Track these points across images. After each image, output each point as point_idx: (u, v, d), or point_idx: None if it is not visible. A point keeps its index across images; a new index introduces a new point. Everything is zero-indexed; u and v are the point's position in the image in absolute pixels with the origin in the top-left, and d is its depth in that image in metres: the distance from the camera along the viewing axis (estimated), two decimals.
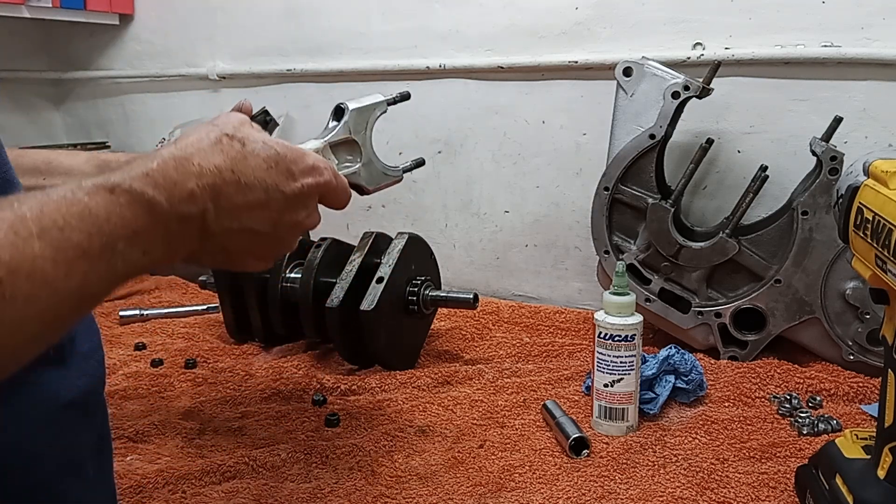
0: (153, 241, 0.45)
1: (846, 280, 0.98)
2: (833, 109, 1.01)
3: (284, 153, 0.54)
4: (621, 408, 0.83)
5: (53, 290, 0.39)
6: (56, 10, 1.52)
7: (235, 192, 0.50)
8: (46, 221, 0.39)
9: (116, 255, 0.43)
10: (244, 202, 0.51)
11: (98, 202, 0.42)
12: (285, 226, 0.55)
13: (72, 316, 0.42)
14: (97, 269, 0.42)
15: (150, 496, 0.71)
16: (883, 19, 1.03)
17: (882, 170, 0.57)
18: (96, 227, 0.41)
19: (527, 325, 1.22)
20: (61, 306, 0.40)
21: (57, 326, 0.42)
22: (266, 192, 0.52)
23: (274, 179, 0.53)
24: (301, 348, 1.12)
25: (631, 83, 1.05)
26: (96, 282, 0.42)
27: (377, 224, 1.48)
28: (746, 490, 0.71)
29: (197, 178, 0.48)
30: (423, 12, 1.36)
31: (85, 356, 0.55)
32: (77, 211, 0.41)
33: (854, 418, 0.87)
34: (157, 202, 0.45)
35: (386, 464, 0.78)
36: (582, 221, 1.25)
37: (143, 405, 0.93)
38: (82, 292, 0.41)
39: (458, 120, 1.37)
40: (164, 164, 0.47)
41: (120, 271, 0.44)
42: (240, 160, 0.51)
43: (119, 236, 0.43)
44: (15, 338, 0.38)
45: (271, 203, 0.53)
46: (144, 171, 0.46)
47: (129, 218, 0.43)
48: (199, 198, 0.48)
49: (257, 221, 0.53)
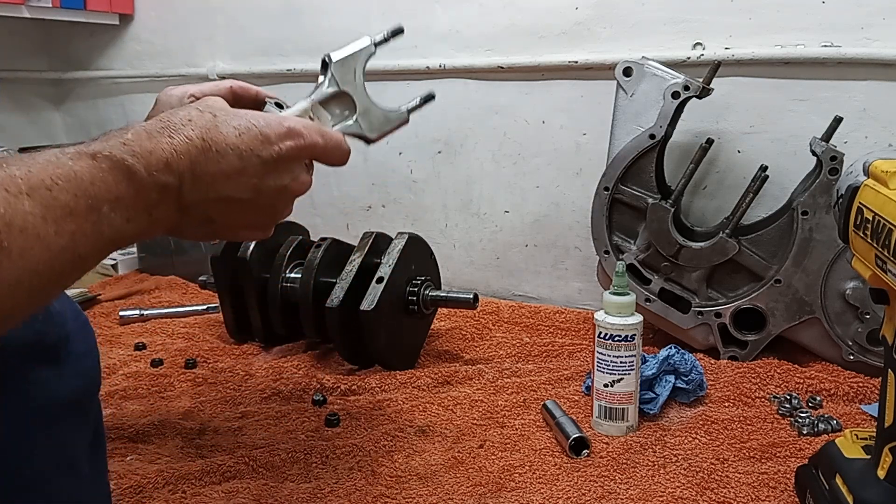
0: (136, 209, 0.47)
1: (846, 280, 0.98)
2: (833, 109, 1.01)
3: (256, 120, 0.54)
4: (621, 408, 0.83)
5: (45, 245, 0.40)
6: (56, 10, 1.53)
7: (207, 161, 0.51)
8: (34, 181, 0.40)
9: (102, 219, 0.44)
10: (218, 170, 0.51)
11: (82, 166, 0.44)
12: (269, 191, 0.55)
13: (65, 275, 0.43)
14: (84, 229, 0.43)
15: (150, 496, 0.71)
16: (883, 19, 1.03)
17: (882, 170, 0.57)
18: (81, 189, 0.43)
19: (527, 325, 1.22)
20: (54, 263, 0.41)
21: (51, 284, 0.43)
22: (240, 159, 0.52)
23: (247, 145, 0.53)
24: (301, 348, 1.12)
25: (631, 83, 1.05)
26: (85, 243, 0.43)
27: (377, 224, 1.48)
28: (746, 490, 0.71)
29: (171, 149, 0.49)
30: (423, 12, 1.36)
31: (79, 357, 0.55)
32: (62, 173, 0.42)
33: (854, 418, 0.87)
34: (136, 170, 0.46)
35: (386, 464, 0.78)
36: (582, 221, 1.25)
37: (143, 405, 0.93)
38: (73, 252, 0.42)
39: (458, 120, 1.37)
40: (138, 135, 0.48)
41: (107, 236, 0.45)
42: (211, 129, 0.51)
43: (103, 199, 0.44)
44: (13, 291, 0.39)
45: (248, 169, 0.53)
46: (121, 140, 0.47)
47: (111, 183, 0.45)
48: (175, 168, 0.49)
49: (235, 189, 0.53)
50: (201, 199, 0.51)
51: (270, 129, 0.54)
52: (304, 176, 0.59)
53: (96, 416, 0.60)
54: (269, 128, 0.54)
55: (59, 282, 0.44)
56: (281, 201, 0.57)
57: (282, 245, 1.11)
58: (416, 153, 1.43)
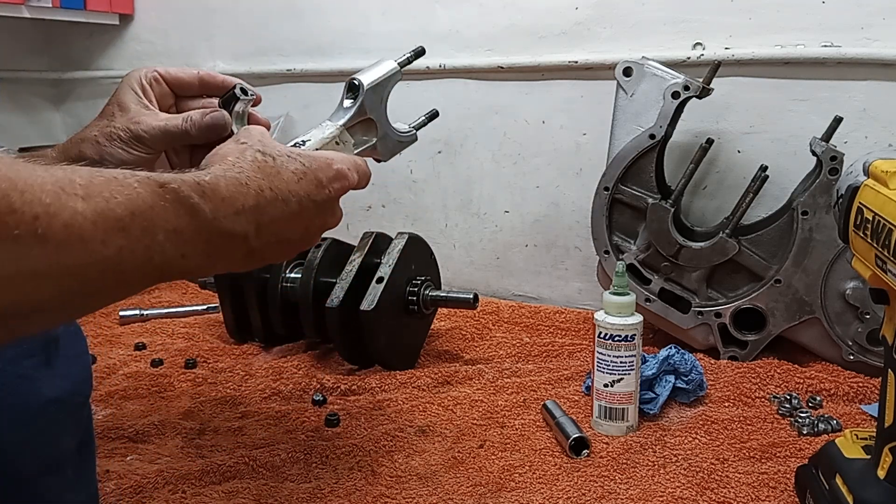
0: (193, 247, 0.47)
1: (846, 280, 0.98)
2: (833, 109, 1.01)
3: (311, 164, 0.57)
4: (621, 408, 0.83)
5: (88, 249, 0.39)
6: (56, 10, 1.52)
7: (274, 209, 0.52)
8: (94, 189, 0.40)
9: (155, 245, 0.43)
10: (281, 216, 0.53)
11: (146, 191, 0.43)
12: (315, 229, 0.58)
13: (104, 289, 0.43)
14: (134, 249, 0.42)
15: (150, 496, 0.71)
16: (883, 19, 1.03)
17: (882, 170, 0.57)
18: (140, 210, 0.42)
19: (527, 325, 1.22)
20: (92, 270, 0.40)
21: (86, 292, 0.42)
22: (300, 204, 0.55)
23: (306, 190, 0.55)
24: (301, 348, 1.12)
25: (631, 83, 1.05)
26: (132, 262, 0.42)
27: (377, 224, 1.48)
28: (746, 490, 0.71)
29: (243, 199, 0.50)
30: (423, 12, 1.36)
31: (70, 359, 0.57)
32: (124, 190, 0.42)
33: (854, 418, 0.87)
34: (201, 210, 0.47)
35: (386, 464, 0.78)
36: (582, 221, 1.25)
37: (143, 405, 0.93)
38: (117, 267, 0.42)
39: (458, 120, 1.37)
40: (216, 180, 0.49)
41: (156, 263, 0.44)
42: (274, 176, 0.53)
43: (159, 227, 0.44)
44: (40, 283, 0.38)
45: (304, 213, 0.55)
46: (196, 179, 0.48)
47: (171, 214, 0.45)
48: (244, 217, 0.50)
49: (292, 232, 0.55)
50: (264, 245, 0.53)
51: (323, 173, 0.57)
52: (340, 211, 0.61)
53: (86, 421, 0.61)
54: (322, 171, 0.57)
55: (97, 294, 0.43)
56: (319, 235, 0.60)
57: None
58: (416, 153, 1.43)
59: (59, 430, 0.56)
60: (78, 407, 0.59)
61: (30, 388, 0.53)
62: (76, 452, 0.59)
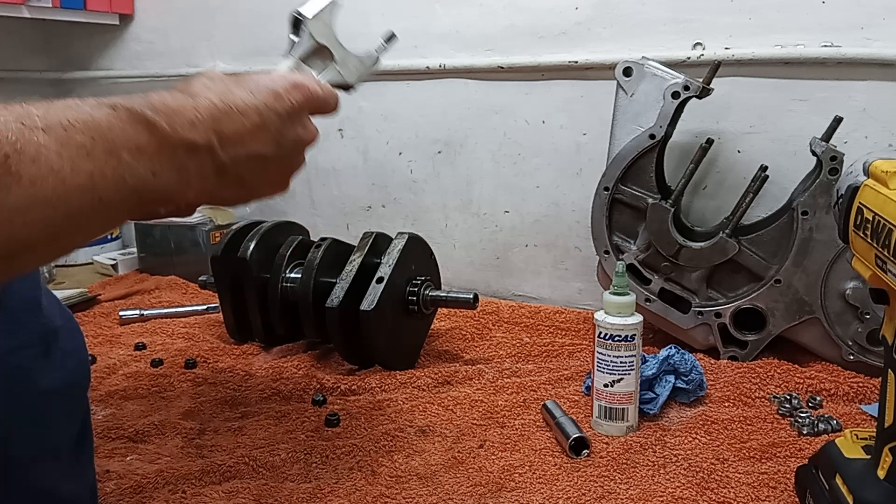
0: (161, 164, 0.47)
1: (846, 280, 0.98)
2: (833, 109, 1.01)
3: (264, 79, 0.58)
4: (621, 408, 0.83)
5: (60, 179, 0.40)
6: (56, 10, 1.52)
7: (232, 121, 0.53)
8: (52, 119, 0.41)
9: (122, 165, 0.44)
10: (243, 128, 0.54)
11: (100, 114, 0.44)
12: (287, 144, 0.58)
13: (86, 217, 0.43)
14: (104, 172, 0.43)
15: (150, 496, 0.71)
16: (883, 19, 1.03)
17: (882, 170, 0.57)
18: (99, 133, 0.43)
19: (527, 325, 1.22)
20: (70, 199, 0.41)
21: (70, 223, 0.43)
22: (260, 115, 0.55)
23: (262, 101, 0.56)
24: (301, 348, 1.12)
25: (631, 83, 1.05)
26: (105, 186, 0.43)
27: (377, 224, 1.48)
28: (746, 490, 0.71)
29: (194, 110, 0.51)
30: (423, 12, 1.36)
31: (67, 353, 0.58)
32: (80, 117, 0.43)
33: (854, 418, 0.87)
34: (158, 123, 0.47)
35: (386, 464, 0.78)
36: (582, 221, 1.25)
37: (143, 405, 0.93)
38: (93, 193, 0.43)
39: (458, 120, 1.37)
40: (161, 97, 0.50)
41: (130, 184, 0.45)
42: (226, 92, 0.54)
43: (122, 146, 0.45)
44: (24, 218, 0.39)
45: (268, 124, 0.56)
46: (145, 98, 0.49)
47: (130, 132, 0.45)
48: (201, 127, 0.50)
49: (261, 144, 0.55)
50: (234, 159, 0.53)
51: (279, 84, 0.58)
52: (311, 125, 0.61)
53: (84, 413, 0.62)
54: (278, 84, 0.58)
55: (82, 225, 0.44)
56: (296, 153, 0.60)
57: (282, 245, 1.11)
58: (416, 153, 1.43)
59: (57, 420, 0.57)
60: (75, 398, 0.60)
61: (28, 379, 0.54)
62: (73, 443, 0.60)
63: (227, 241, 1.12)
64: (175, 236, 1.49)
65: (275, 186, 0.61)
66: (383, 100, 1.44)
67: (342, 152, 1.50)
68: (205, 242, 1.46)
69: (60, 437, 0.58)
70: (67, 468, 0.59)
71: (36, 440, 0.55)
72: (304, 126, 0.60)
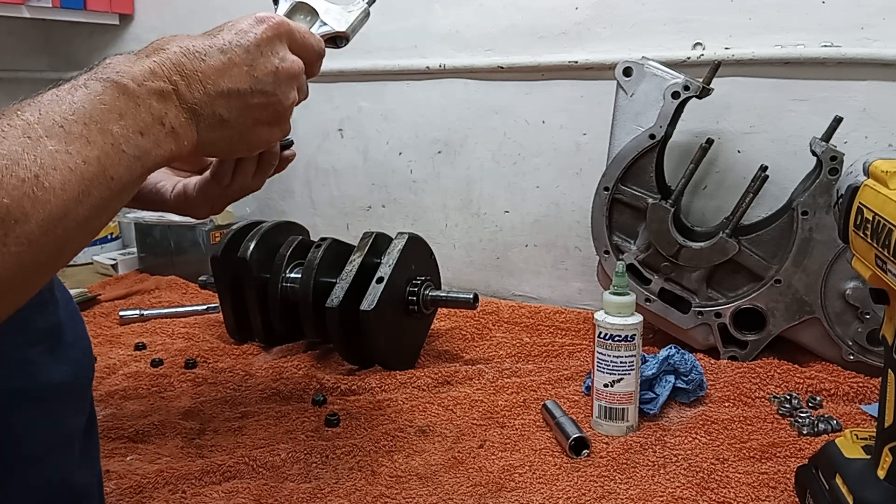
0: (143, 121, 0.49)
1: (846, 280, 0.98)
2: (833, 109, 1.01)
3: (223, 24, 0.57)
4: (621, 408, 0.83)
5: (80, 176, 0.44)
6: (56, 10, 1.52)
7: (192, 62, 0.53)
8: (48, 122, 0.43)
9: (117, 139, 0.46)
10: (207, 67, 0.53)
11: (79, 96, 0.46)
12: (264, 76, 0.57)
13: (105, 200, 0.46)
14: (107, 151, 0.46)
15: (150, 496, 0.71)
16: (883, 19, 1.03)
17: (882, 170, 0.57)
18: (88, 116, 0.45)
19: (527, 325, 1.22)
20: (91, 189, 0.44)
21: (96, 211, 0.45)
22: (223, 53, 0.54)
23: (224, 40, 0.55)
24: (301, 348, 1.12)
25: (631, 83, 1.05)
26: (111, 164, 0.46)
27: (377, 224, 1.48)
28: (746, 490, 0.71)
29: (151, 60, 0.51)
30: (423, 12, 1.36)
31: (70, 345, 0.58)
32: (67, 108, 0.45)
33: (854, 418, 0.87)
34: (125, 83, 0.48)
35: (386, 464, 0.78)
36: (582, 221, 1.25)
37: (143, 405, 0.93)
38: (105, 175, 0.45)
39: (458, 120, 1.37)
40: (114, 59, 0.50)
41: (130, 154, 0.47)
42: (188, 40, 0.54)
43: (109, 119, 0.46)
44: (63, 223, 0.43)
45: (234, 59, 0.55)
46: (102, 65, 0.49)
47: (108, 101, 0.47)
48: (161, 74, 0.50)
49: (231, 80, 0.54)
50: (203, 97, 0.53)
51: (242, 22, 0.57)
52: (290, 56, 0.60)
53: (91, 403, 0.63)
54: (241, 22, 0.57)
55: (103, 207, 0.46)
56: (281, 85, 0.58)
57: (282, 245, 1.11)
58: (416, 153, 1.43)
59: (66, 411, 0.58)
60: (82, 389, 0.61)
61: (37, 373, 0.54)
62: (82, 433, 0.61)
63: (227, 241, 1.12)
64: (175, 236, 1.49)
65: (269, 127, 0.59)
66: (383, 100, 1.44)
67: (342, 152, 1.50)
68: (205, 242, 1.46)
69: (71, 428, 0.59)
70: (79, 458, 0.60)
71: (50, 433, 0.56)
72: (281, 56, 0.58)
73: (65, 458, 0.58)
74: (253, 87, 0.56)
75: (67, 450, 0.59)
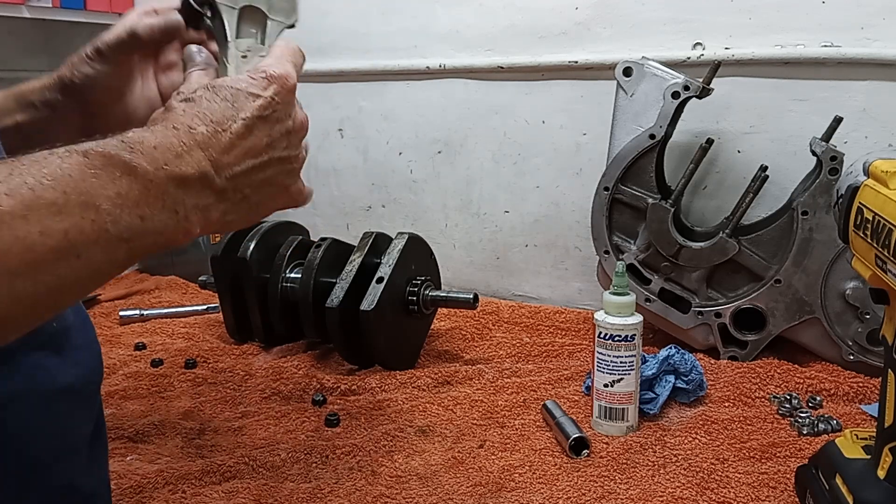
0: (150, 207, 0.44)
1: (846, 280, 0.98)
2: (833, 109, 1.01)
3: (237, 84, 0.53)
4: (621, 408, 0.83)
5: (26, 246, 0.38)
6: (56, 10, 1.52)
7: (220, 141, 0.49)
8: (16, 182, 0.38)
9: (102, 216, 0.41)
10: (232, 144, 0.50)
11: (71, 163, 0.41)
12: (278, 141, 0.54)
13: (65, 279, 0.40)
14: (81, 227, 0.40)
15: (150, 496, 0.71)
16: (883, 19, 1.03)
17: (882, 170, 0.57)
18: (71, 185, 0.40)
19: (527, 325, 1.22)
20: (42, 264, 0.39)
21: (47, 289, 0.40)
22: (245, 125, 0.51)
23: (244, 110, 0.52)
24: (301, 348, 1.12)
25: (631, 83, 1.05)
26: (83, 242, 0.40)
27: (377, 224, 1.48)
28: (746, 490, 0.71)
29: (178, 140, 0.47)
30: (423, 12, 1.36)
31: (79, 348, 0.57)
32: (49, 171, 0.40)
33: (854, 418, 0.87)
34: (137, 164, 0.44)
35: (386, 464, 0.78)
36: (582, 221, 1.25)
37: (143, 405, 0.93)
38: (71, 252, 0.40)
39: (458, 120, 1.37)
40: (139, 133, 0.46)
41: (115, 234, 0.42)
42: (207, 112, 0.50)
43: (99, 196, 0.41)
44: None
45: (255, 130, 0.52)
46: (120, 138, 0.45)
47: (105, 179, 0.42)
48: (189, 157, 0.47)
49: (254, 154, 0.52)
50: (233, 178, 0.50)
51: (252, 85, 0.53)
52: (299, 113, 0.57)
53: (98, 408, 0.62)
54: (252, 85, 0.53)
55: (62, 285, 0.41)
56: (292, 146, 0.55)
57: (282, 245, 1.11)
58: (416, 153, 1.43)
59: (73, 417, 0.57)
60: (90, 394, 0.60)
61: (44, 378, 0.53)
62: (89, 439, 0.60)
63: (227, 241, 1.12)
64: None
65: (285, 194, 0.56)
66: (383, 100, 1.44)
67: (342, 152, 1.50)
68: (205, 242, 1.46)
69: (78, 434, 0.58)
70: (86, 463, 0.59)
71: (56, 438, 0.55)
72: (292, 116, 0.56)
73: (71, 464, 0.57)
74: (271, 156, 0.53)
75: (74, 455, 0.57)
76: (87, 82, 0.71)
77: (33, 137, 0.73)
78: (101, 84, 0.71)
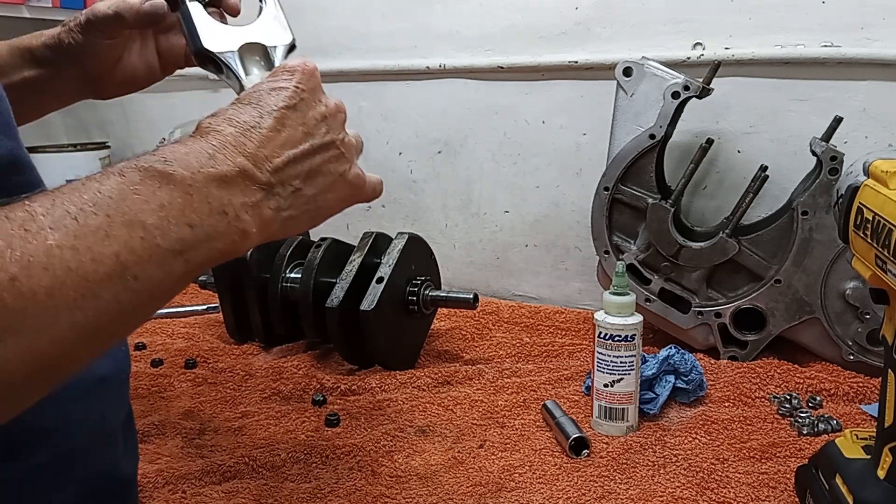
0: (197, 213, 0.43)
1: (846, 280, 0.98)
2: (833, 109, 1.01)
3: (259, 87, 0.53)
4: (621, 408, 0.83)
5: (81, 277, 0.37)
6: (56, 10, 1.52)
7: (252, 136, 0.48)
8: (58, 212, 0.38)
9: (150, 232, 0.40)
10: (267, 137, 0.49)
11: (110, 185, 0.41)
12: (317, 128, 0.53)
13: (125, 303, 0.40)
14: (131, 247, 0.39)
15: (150, 496, 0.71)
16: (883, 19, 1.03)
17: (882, 170, 0.57)
18: (113, 207, 0.40)
19: (527, 325, 1.22)
20: (101, 291, 0.38)
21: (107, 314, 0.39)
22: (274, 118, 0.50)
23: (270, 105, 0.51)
24: (301, 348, 1.12)
25: (631, 83, 1.05)
26: (137, 263, 0.40)
27: (377, 224, 1.48)
28: (746, 490, 0.71)
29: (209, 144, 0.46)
30: (423, 12, 1.36)
31: None
32: (89, 197, 0.39)
33: (854, 418, 0.87)
34: (174, 171, 0.43)
35: (386, 464, 0.78)
36: (582, 221, 1.25)
37: (143, 405, 0.93)
38: (124, 274, 0.39)
39: (458, 120, 1.37)
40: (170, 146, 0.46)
41: (166, 248, 0.41)
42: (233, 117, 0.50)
43: (143, 211, 0.41)
44: (48, 334, 0.36)
45: (285, 121, 0.51)
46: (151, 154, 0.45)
47: (147, 193, 0.41)
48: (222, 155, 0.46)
49: (293, 143, 0.50)
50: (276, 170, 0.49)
51: (273, 81, 0.53)
52: (328, 98, 0.56)
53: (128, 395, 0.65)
54: (272, 81, 0.53)
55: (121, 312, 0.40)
56: (333, 130, 0.54)
57: (282, 245, 1.11)
58: (416, 153, 1.43)
59: (109, 405, 0.59)
60: (122, 383, 0.62)
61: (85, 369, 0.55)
62: (124, 424, 0.62)
63: None
64: None
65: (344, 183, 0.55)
66: (383, 100, 1.44)
67: None
68: None
69: (114, 421, 0.60)
70: (121, 450, 0.61)
71: (95, 427, 0.57)
72: (323, 101, 0.55)
73: (109, 450, 0.60)
74: (312, 143, 0.52)
75: (111, 442, 0.60)
76: (81, 49, 0.73)
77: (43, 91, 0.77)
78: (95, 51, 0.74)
